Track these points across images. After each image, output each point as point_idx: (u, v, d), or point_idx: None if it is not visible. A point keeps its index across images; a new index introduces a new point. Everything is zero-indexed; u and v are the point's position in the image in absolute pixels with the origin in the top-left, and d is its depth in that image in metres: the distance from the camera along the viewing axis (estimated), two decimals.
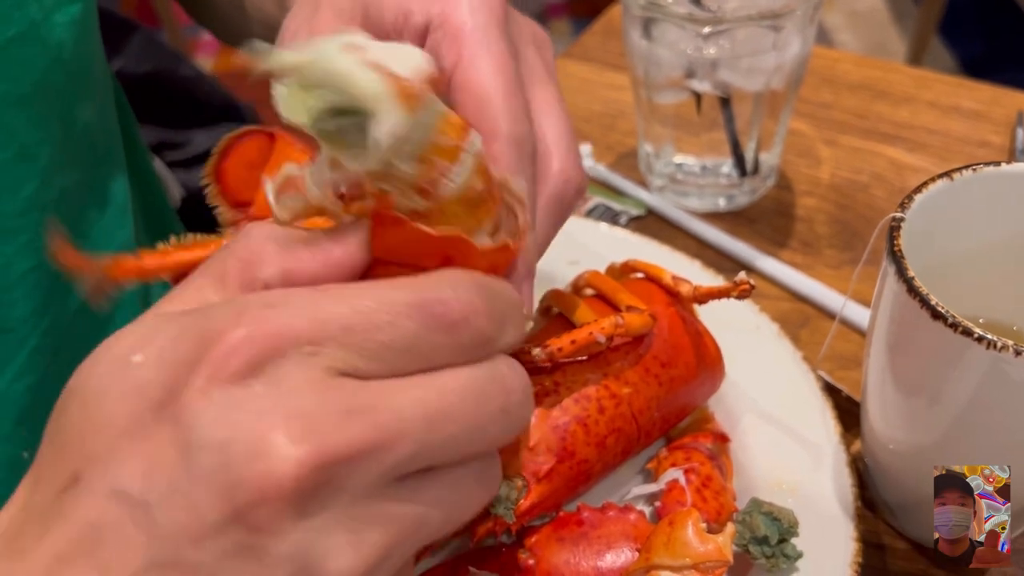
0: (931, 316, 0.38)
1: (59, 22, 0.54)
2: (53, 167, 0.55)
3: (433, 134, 0.28)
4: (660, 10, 0.59)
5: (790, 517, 0.43)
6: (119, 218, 0.63)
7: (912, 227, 0.42)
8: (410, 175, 0.28)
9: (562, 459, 0.44)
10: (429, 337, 0.27)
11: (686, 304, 0.50)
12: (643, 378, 0.47)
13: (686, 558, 0.39)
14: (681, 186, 0.70)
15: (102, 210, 0.61)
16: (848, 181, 0.71)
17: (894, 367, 0.44)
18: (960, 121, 0.75)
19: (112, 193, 0.62)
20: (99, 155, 0.61)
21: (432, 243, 0.29)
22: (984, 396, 0.39)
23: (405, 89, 0.27)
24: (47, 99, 0.54)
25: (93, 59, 0.59)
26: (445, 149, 0.29)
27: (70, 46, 0.55)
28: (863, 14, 2.81)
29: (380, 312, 0.26)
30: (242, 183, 0.37)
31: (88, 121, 0.59)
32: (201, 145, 1.40)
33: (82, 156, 0.58)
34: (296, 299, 0.27)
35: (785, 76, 0.62)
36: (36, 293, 0.55)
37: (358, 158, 0.28)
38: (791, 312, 0.61)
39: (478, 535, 0.43)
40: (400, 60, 0.27)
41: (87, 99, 0.58)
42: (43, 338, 0.56)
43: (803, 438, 0.50)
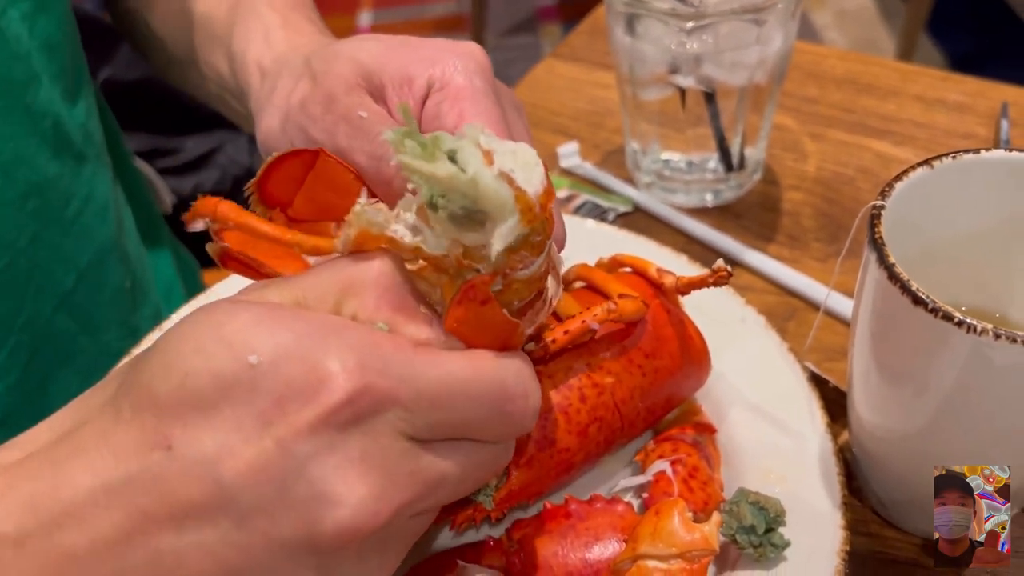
0: (912, 302, 0.38)
1: (13, 17, 0.55)
2: (15, 161, 0.55)
3: (531, 236, 0.32)
4: (643, 6, 0.59)
5: (777, 506, 0.44)
6: (100, 215, 0.63)
7: (893, 215, 0.42)
8: (502, 263, 0.32)
9: (542, 447, 0.44)
10: (490, 424, 0.32)
11: (671, 296, 0.50)
12: (626, 368, 0.47)
13: (672, 548, 0.40)
14: (668, 182, 0.70)
15: (83, 206, 0.61)
16: (834, 175, 0.71)
17: (878, 355, 0.44)
18: (946, 114, 0.75)
19: (94, 190, 0.62)
20: (78, 151, 0.61)
21: (501, 324, 0.33)
22: (967, 382, 0.40)
23: (527, 205, 0.30)
24: (6, 93, 0.54)
25: (53, 50, 0.59)
26: (534, 244, 0.32)
27: (25, 40, 0.56)
28: (852, 12, 2.81)
29: (463, 396, 0.31)
30: (282, 191, 0.39)
31: (59, 115, 0.59)
32: (192, 151, 1.40)
33: (55, 149, 0.58)
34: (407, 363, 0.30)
35: (769, 70, 0.63)
36: (8, 291, 0.55)
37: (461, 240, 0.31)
38: (778, 305, 0.61)
39: (457, 522, 0.43)
40: (521, 165, 0.31)
41: (52, 89, 0.58)
42: (20, 336, 0.56)
43: (790, 429, 0.50)
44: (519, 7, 2.90)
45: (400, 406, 0.30)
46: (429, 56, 0.42)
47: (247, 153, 1.46)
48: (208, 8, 0.58)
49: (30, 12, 0.57)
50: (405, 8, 2.97)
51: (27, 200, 0.56)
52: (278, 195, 0.39)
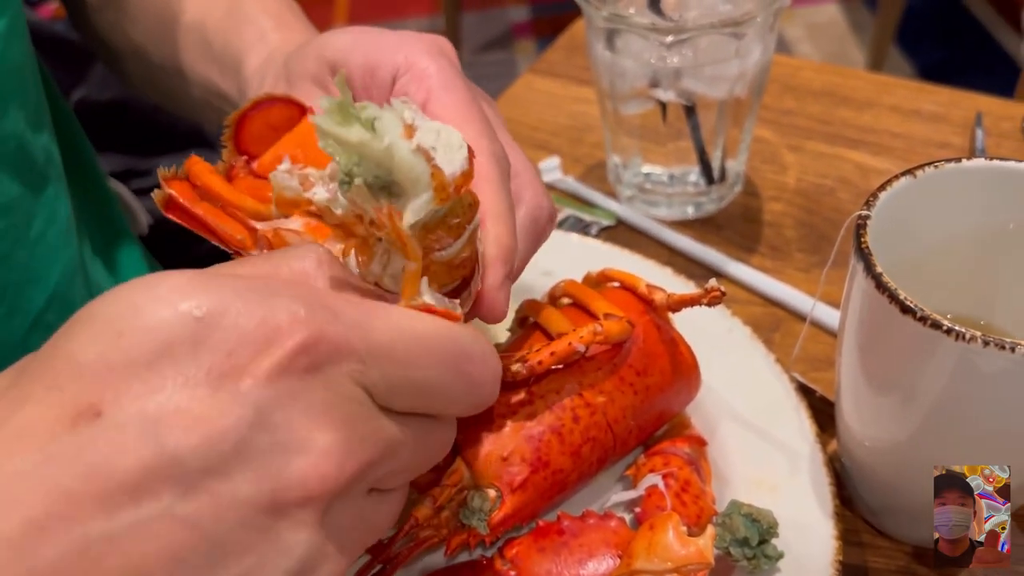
0: (900, 311, 0.38)
1: None
2: None
3: (448, 217, 0.32)
4: (623, 21, 0.60)
5: (769, 518, 0.44)
6: (64, 236, 0.62)
7: (878, 225, 0.42)
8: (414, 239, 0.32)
9: (536, 469, 0.44)
10: (452, 387, 0.31)
11: (661, 313, 0.50)
12: (618, 387, 0.47)
13: (668, 562, 0.39)
14: (650, 195, 0.70)
15: (46, 226, 0.61)
16: (814, 186, 0.72)
17: (866, 365, 0.44)
18: (921, 124, 0.76)
19: (56, 212, 0.62)
20: (40, 171, 0.60)
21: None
22: (955, 389, 0.40)
23: (442, 183, 0.30)
24: None
25: (23, 72, 0.58)
26: (451, 226, 0.33)
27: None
28: (822, 26, 2.85)
29: (421, 351, 0.30)
30: (257, 138, 0.39)
31: (21, 135, 0.58)
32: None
33: (18, 170, 0.58)
34: (357, 315, 0.29)
35: (748, 83, 0.63)
36: None
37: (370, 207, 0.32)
38: (763, 316, 0.61)
39: (452, 546, 0.43)
40: (444, 145, 0.31)
41: (17, 112, 0.58)
42: None
43: (779, 440, 0.50)
44: (493, 24, 2.92)
45: (355, 357, 0.28)
46: (393, 44, 0.42)
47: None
48: (199, 15, 0.58)
49: (4, 34, 0.56)
50: (379, 24, 2.99)
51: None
52: (251, 144, 0.39)
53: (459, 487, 0.43)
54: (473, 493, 0.43)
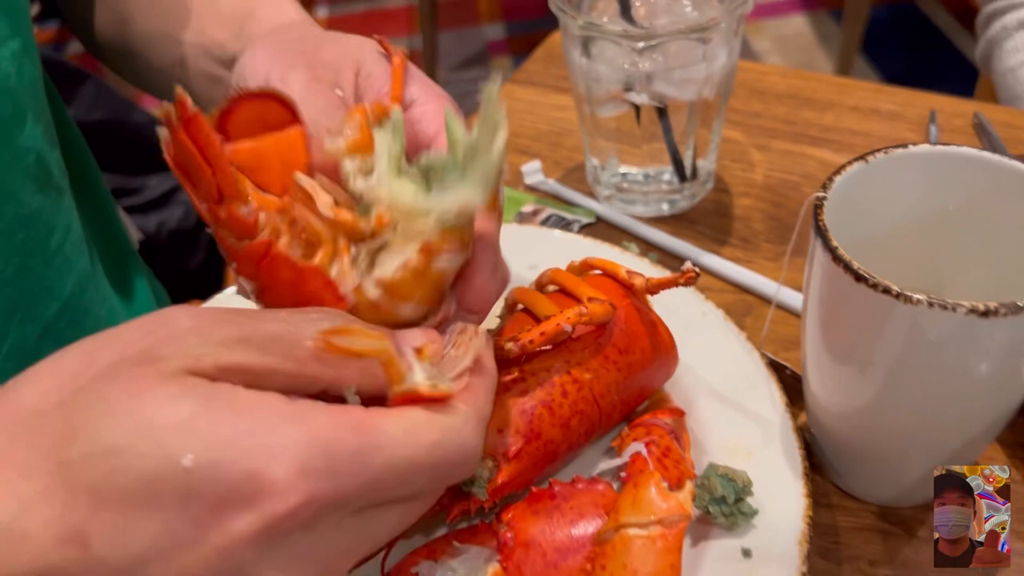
0: (855, 279, 0.42)
1: (4, 55, 0.57)
2: (3, 195, 0.56)
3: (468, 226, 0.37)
4: (597, 29, 0.64)
5: (744, 478, 0.47)
6: (78, 246, 0.65)
7: (834, 206, 0.46)
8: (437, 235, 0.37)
9: (530, 440, 0.47)
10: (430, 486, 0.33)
11: (640, 296, 0.54)
12: (603, 365, 0.50)
13: (651, 515, 0.43)
14: (627, 194, 0.74)
15: (63, 238, 0.63)
16: (780, 181, 0.76)
17: (827, 337, 0.48)
18: (880, 122, 0.81)
19: (71, 222, 0.65)
20: (56, 184, 0.63)
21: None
22: (907, 353, 0.44)
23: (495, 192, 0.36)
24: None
25: (37, 88, 0.61)
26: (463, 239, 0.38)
27: (13, 77, 0.58)
28: (790, 37, 2.92)
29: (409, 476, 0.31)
30: (241, 124, 0.39)
31: (40, 150, 0.61)
32: (155, 190, 1.42)
33: (38, 184, 0.60)
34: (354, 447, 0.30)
35: (715, 85, 0.67)
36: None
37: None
38: (735, 303, 0.65)
39: (453, 514, 0.46)
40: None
41: (35, 127, 0.61)
42: (5, 363, 0.57)
43: (752, 411, 0.54)
44: (469, 42, 2.97)
45: (347, 504, 0.30)
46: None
47: None
48: None
49: (18, 52, 0.59)
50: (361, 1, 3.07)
51: (15, 233, 0.58)
52: (233, 128, 0.39)
53: None
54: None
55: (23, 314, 0.58)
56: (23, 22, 0.60)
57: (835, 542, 0.52)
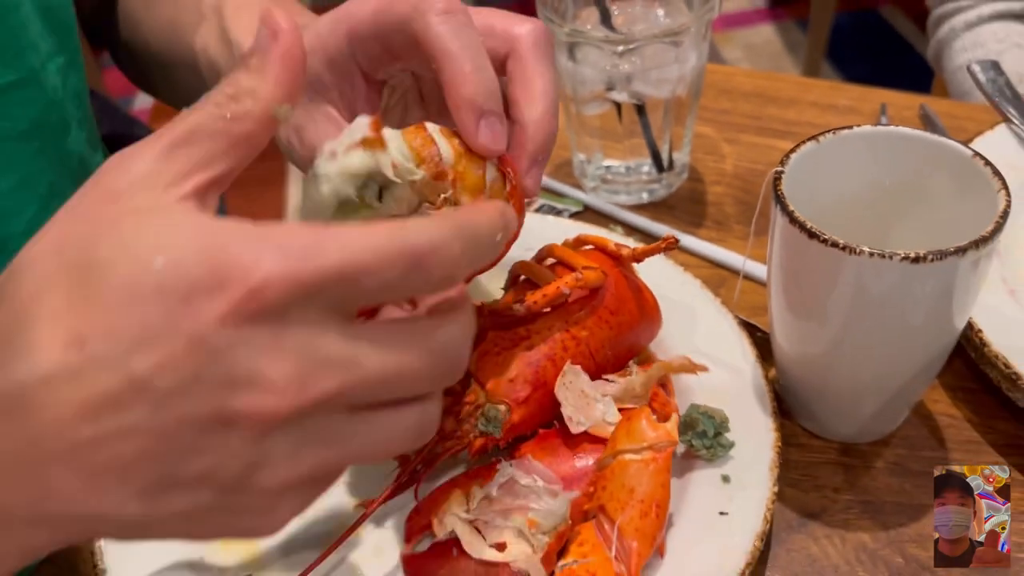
0: (808, 237, 0.50)
1: (52, 69, 0.63)
2: (52, 193, 0.63)
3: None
4: (581, 35, 0.72)
5: (722, 415, 0.55)
6: None
7: (790, 180, 0.54)
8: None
9: (536, 387, 0.55)
10: (407, 279, 0.33)
11: (627, 265, 0.62)
12: (597, 324, 0.58)
13: (643, 442, 0.51)
14: (611, 185, 0.82)
15: None
16: (749, 170, 0.84)
17: (788, 295, 0.56)
18: (837, 116, 0.90)
19: None
20: None
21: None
22: (855, 304, 0.51)
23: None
24: (44, 134, 0.62)
25: (82, 98, 0.68)
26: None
27: (60, 89, 0.64)
28: (758, 46, 3.03)
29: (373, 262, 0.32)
30: None
31: (83, 153, 0.67)
32: None
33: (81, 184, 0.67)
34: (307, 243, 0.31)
35: (688, 84, 0.75)
36: None
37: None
38: (710, 276, 0.73)
39: (475, 448, 0.53)
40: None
41: (79, 133, 0.67)
42: None
43: (728, 363, 0.61)
44: None
45: (305, 291, 0.31)
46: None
47: None
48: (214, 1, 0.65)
49: (64, 66, 0.66)
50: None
51: None
52: None
53: (476, 404, 0.54)
54: (489, 407, 0.53)
55: None
56: (70, 38, 0.67)
57: (804, 475, 0.59)
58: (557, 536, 0.49)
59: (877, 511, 0.57)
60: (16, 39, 0.58)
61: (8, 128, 0.57)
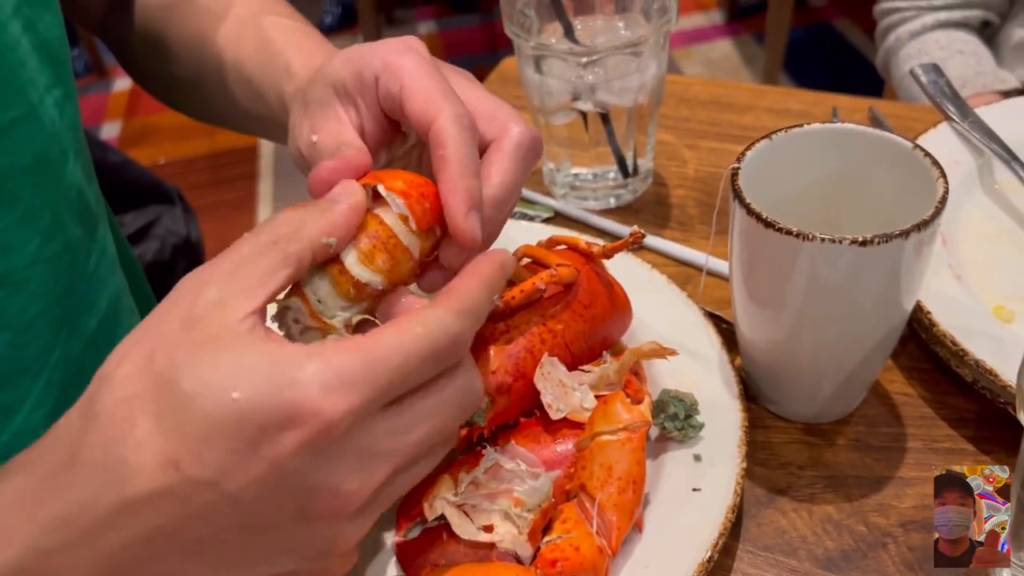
0: (764, 226, 0.53)
1: (49, 103, 0.65)
2: (53, 226, 0.63)
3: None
4: (547, 48, 0.76)
5: (691, 398, 0.59)
6: (111, 267, 0.73)
7: (746, 176, 0.58)
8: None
9: (516, 378, 0.58)
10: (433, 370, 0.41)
11: (598, 261, 0.65)
12: (572, 318, 0.61)
13: (619, 423, 0.54)
14: (579, 191, 0.86)
15: (99, 260, 0.71)
16: (709, 174, 0.88)
17: (749, 286, 0.59)
18: (791, 120, 0.94)
19: (105, 247, 0.73)
20: (91, 213, 0.71)
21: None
22: (810, 290, 0.54)
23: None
24: (44, 168, 0.63)
25: (76, 131, 0.70)
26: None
27: (57, 122, 0.65)
28: (717, 60, 3.10)
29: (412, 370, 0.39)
30: None
31: (80, 185, 0.69)
32: (131, 226, 1.50)
33: (79, 214, 0.68)
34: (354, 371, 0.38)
35: (649, 92, 0.80)
36: (44, 333, 0.62)
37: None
38: (676, 274, 0.77)
39: (461, 438, 0.56)
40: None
41: (75, 165, 0.69)
42: (53, 372, 0.63)
43: (695, 351, 0.65)
44: None
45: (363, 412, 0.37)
46: (372, 51, 0.50)
47: (183, 223, 1.57)
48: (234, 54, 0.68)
49: (60, 99, 0.67)
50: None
51: (62, 257, 0.63)
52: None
53: None
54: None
55: (69, 330, 0.64)
56: (65, 71, 0.69)
57: (771, 454, 0.63)
58: (542, 513, 0.52)
59: (840, 484, 0.61)
60: (16, 77, 0.59)
61: (11, 164, 0.58)
